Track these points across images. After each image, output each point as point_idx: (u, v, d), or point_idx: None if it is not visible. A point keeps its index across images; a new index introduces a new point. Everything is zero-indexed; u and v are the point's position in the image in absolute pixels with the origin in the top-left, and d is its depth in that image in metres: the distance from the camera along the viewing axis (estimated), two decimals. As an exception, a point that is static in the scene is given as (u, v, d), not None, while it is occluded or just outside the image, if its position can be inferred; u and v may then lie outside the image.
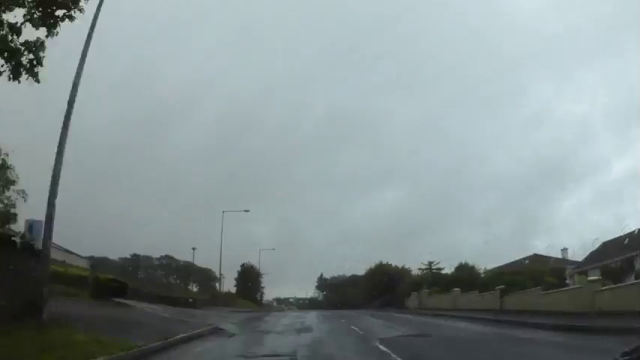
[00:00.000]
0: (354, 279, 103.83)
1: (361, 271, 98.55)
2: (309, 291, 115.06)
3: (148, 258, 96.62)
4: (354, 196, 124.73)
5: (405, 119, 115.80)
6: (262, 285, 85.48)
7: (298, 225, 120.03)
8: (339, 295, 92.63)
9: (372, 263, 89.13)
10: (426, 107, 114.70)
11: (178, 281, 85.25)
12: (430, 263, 52.24)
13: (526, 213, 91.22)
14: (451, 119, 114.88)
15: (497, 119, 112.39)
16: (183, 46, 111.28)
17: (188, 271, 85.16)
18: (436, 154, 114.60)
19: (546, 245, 69.99)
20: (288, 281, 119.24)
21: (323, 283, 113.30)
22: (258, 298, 72.27)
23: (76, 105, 12.51)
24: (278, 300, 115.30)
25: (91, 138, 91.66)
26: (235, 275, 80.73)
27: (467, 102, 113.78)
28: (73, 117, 12.40)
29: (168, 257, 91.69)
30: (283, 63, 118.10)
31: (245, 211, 47.54)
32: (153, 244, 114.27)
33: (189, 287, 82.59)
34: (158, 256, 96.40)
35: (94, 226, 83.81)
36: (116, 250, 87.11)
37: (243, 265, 79.75)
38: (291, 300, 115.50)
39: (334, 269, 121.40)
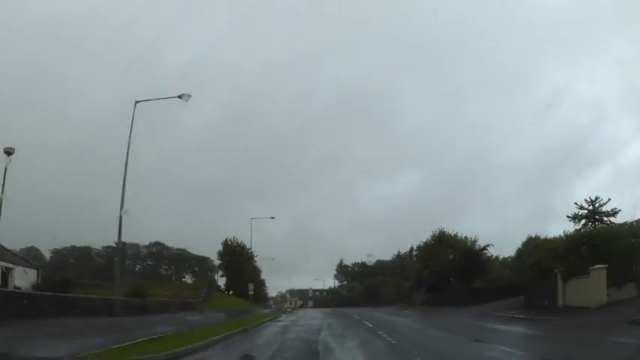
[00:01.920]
0: (379, 265, 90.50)
1: (387, 256, 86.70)
2: (326, 280, 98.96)
3: (134, 246, 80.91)
4: (369, 180, 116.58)
5: (421, 102, 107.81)
6: (261, 273, 60.30)
7: (311, 211, 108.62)
8: (367, 285, 76.78)
9: (396, 248, 73.57)
10: (442, 90, 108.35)
11: (170, 272, 68.58)
12: (593, 202, 29.64)
13: (543, 196, 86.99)
14: (467, 102, 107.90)
15: (514, 102, 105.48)
16: (187, 28, 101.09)
17: (181, 259, 68.20)
18: (452, 138, 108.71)
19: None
20: (304, 271, 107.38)
21: (343, 271, 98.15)
22: (251, 292, 44.10)
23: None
24: (291, 292, 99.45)
25: (92, 125, 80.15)
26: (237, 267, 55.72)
27: (483, 85, 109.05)
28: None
29: (158, 244, 75.56)
30: (293, 43, 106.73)
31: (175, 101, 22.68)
32: (145, 231, 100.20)
33: (184, 279, 66.17)
34: (147, 243, 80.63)
35: (86, 212, 69.87)
36: (111, 238, 72.66)
37: (225, 242, 55.25)
38: (309, 292, 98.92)
39: (352, 256, 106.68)
